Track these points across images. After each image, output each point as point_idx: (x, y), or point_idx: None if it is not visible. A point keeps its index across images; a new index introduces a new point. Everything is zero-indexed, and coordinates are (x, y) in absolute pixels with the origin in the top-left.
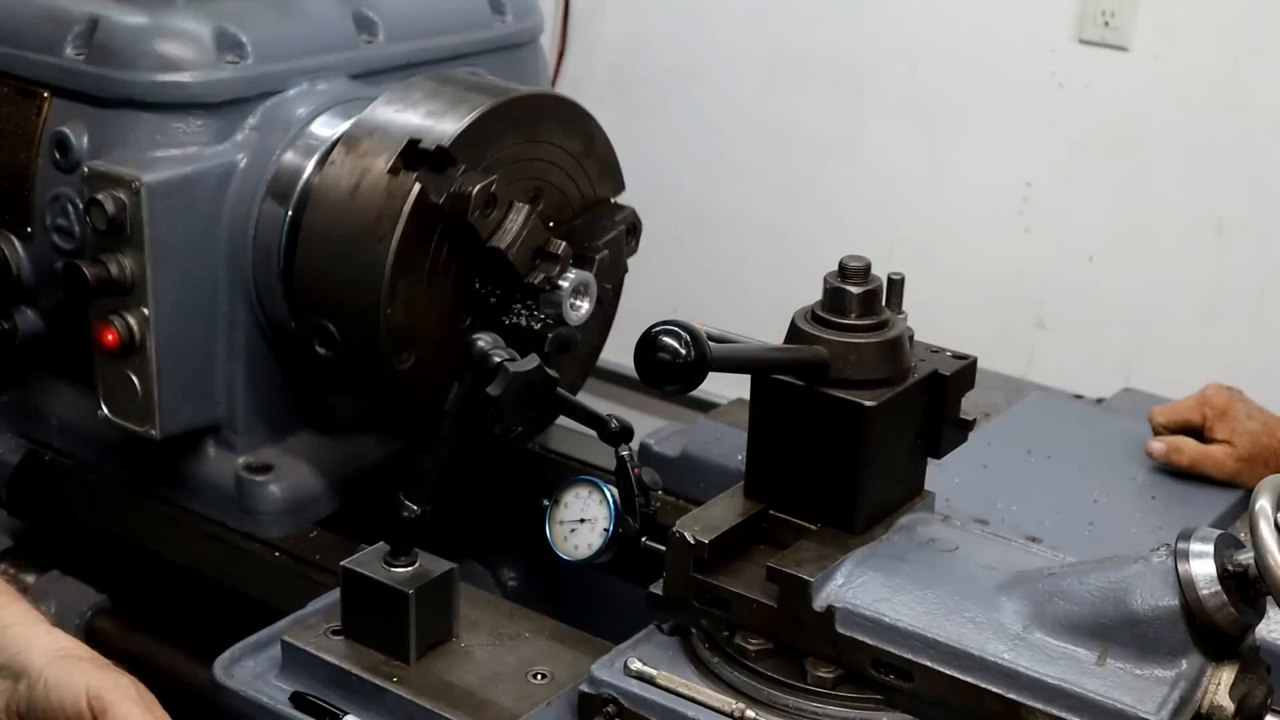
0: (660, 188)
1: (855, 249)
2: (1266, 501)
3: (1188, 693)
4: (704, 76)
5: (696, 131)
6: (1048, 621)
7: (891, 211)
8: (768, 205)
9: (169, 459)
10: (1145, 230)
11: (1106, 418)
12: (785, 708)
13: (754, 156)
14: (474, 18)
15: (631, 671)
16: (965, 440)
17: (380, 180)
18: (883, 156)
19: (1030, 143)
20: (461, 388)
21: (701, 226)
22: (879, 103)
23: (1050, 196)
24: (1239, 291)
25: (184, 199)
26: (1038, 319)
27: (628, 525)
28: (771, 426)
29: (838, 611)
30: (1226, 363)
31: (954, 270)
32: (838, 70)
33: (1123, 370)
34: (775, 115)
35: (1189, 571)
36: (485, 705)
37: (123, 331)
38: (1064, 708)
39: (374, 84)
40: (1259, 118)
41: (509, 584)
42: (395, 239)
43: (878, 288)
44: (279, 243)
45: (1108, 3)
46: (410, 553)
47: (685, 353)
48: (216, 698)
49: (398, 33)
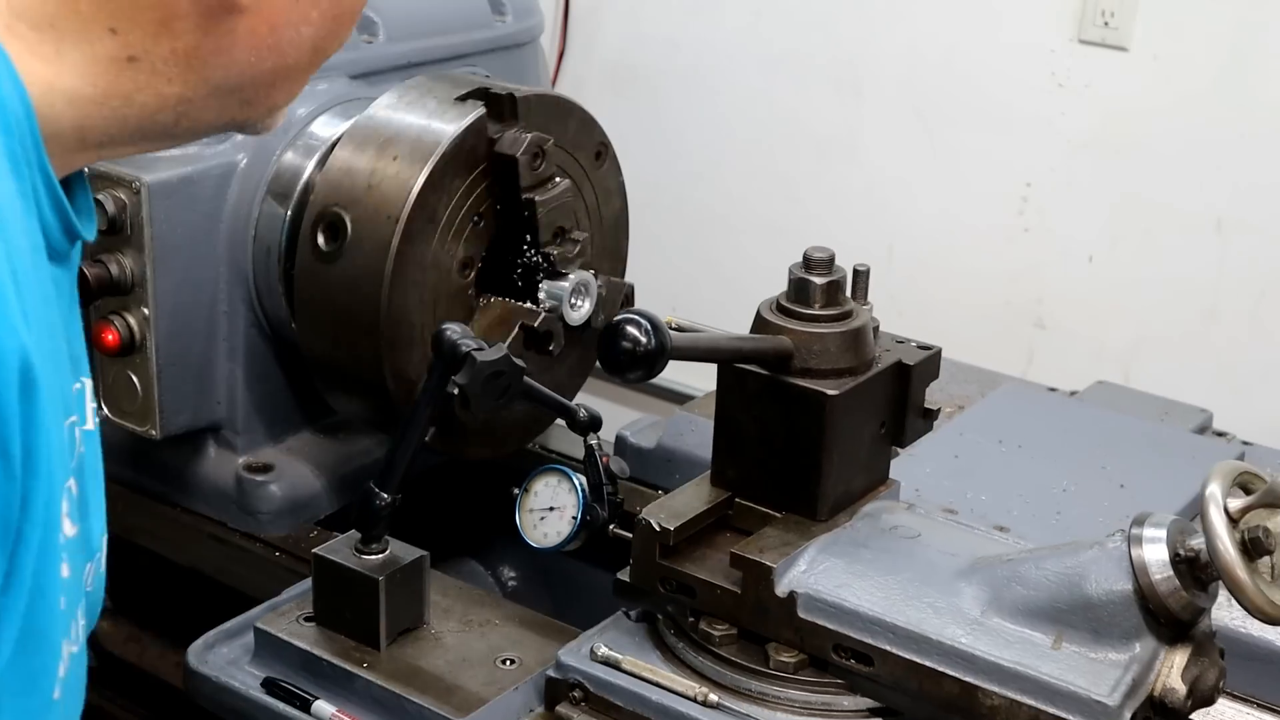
0: (660, 187)
1: (855, 249)
2: (1216, 487)
3: (1140, 675)
4: (704, 76)
5: (696, 131)
6: (1005, 606)
7: (891, 211)
8: (768, 205)
9: (169, 459)
10: (1145, 230)
11: (1079, 409)
12: (748, 692)
13: (754, 156)
14: (474, 18)
15: (598, 656)
16: (930, 429)
17: (380, 180)
18: (883, 156)
19: (1030, 143)
20: (430, 377)
21: (701, 226)
22: (879, 103)
23: (1050, 196)
24: (1238, 291)
25: (184, 199)
26: (1037, 319)
27: (596, 513)
28: (737, 415)
29: (800, 597)
30: (1226, 363)
31: (954, 270)
32: (838, 70)
33: (1122, 370)
34: (775, 115)
35: (1142, 556)
36: (453, 690)
37: (123, 331)
38: (1019, 690)
39: (374, 84)
40: (1259, 118)
41: (509, 584)
42: (396, 238)
43: (841, 278)
44: (279, 243)
45: (1108, 3)
46: (381, 540)
47: (646, 341)
48: (189, 684)
49: (398, 33)
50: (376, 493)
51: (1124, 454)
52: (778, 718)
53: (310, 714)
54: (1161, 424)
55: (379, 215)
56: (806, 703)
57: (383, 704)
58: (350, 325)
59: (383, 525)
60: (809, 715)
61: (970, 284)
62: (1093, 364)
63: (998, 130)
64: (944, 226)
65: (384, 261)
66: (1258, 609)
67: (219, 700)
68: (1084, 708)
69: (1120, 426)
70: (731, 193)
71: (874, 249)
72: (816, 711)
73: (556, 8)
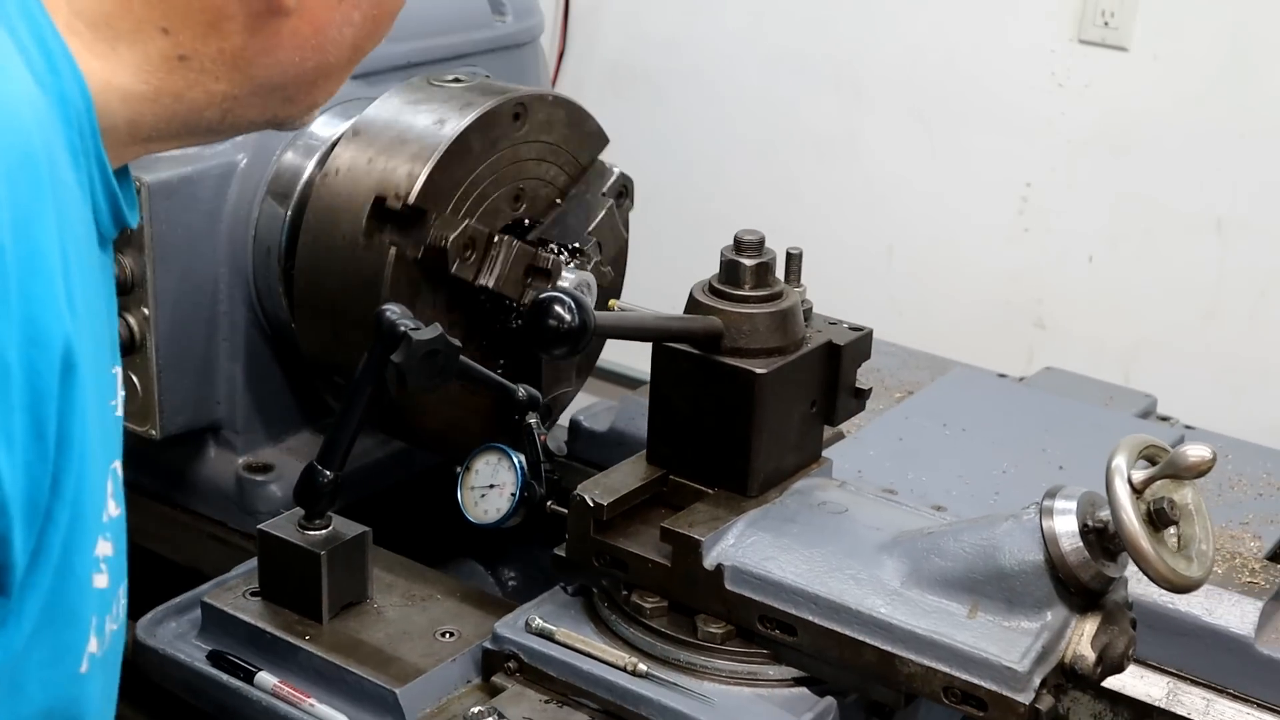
0: (660, 187)
1: (855, 249)
2: (1122, 459)
3: (1051, 643)
4: (704, 76)
5: (696, 131)
6: (924, 578)
7: (891, 211)
8: (768, 205)
9: (169, 459)
10: (1145, 230)
11: (1025, 393)
12: (677, 662)
13: (754, 156)
14: (474, 18)
15: (533, 628)
16: (862, 409)
17: (380, 180)
18: (883, 156)
19: (1030, 143)
20: (369, 356)
21: (701, 226)
22: (879, 103)
23: (1050, 196)
24: (1239, 291)
25: (184, 199)
26: (1037, 319)
27: (533, 490)
28: (670, 395)
29: (727, 570)
30: (1225, 363)
31: (954, 270)
32: (838, 70)
33: (1121, 369)
34: (775, 115)
35: (1052, 528)
36: (391, 662)
37: (123, 331)
38: (935, 658)
39: (374, 84)
40: (1259, 118)
41: (509, 583)
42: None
43: (771, 260)
44: (279, 243)
45: (1108, 3)
46: (324, 516)
47: (570, 319)
48: (137, 658)
49: (398, 33)
50: (320, 470)
51: (1065, 437)
52: (705, 687)
53: (254, 685)
54: (1105, 408)
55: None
56: (733, 672)
57: (324, 675)
58: (350, 324)
59: (325, 502)
60: (735, 684)
61: (970, 284)
62: (1092, 363)
63: (998, 130)
64: (944, 226)
65: (385, 261)
66: (1161, 577)
67: (166, 673)
68: (995, 674)
69: (1063, 410)
70: (731, 192)
71: (874, 249)
72: (743, 680)
73: (556, 8)
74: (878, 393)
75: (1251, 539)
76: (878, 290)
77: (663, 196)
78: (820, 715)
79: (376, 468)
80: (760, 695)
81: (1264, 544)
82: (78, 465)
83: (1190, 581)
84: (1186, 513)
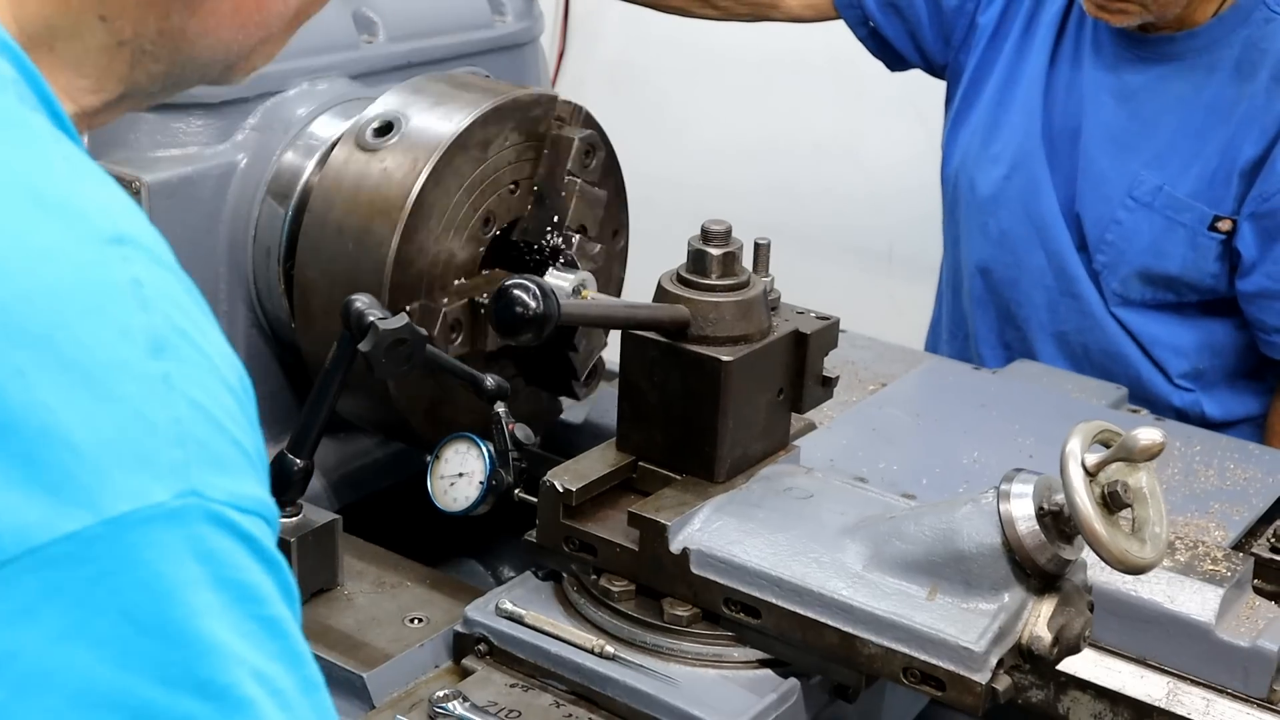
0: (660, 187)
1: (855, 249)
2: (1076, 443)
3: (1008, 624)
4: (704, 76)
5: (696, 131)
6: (885, 561)
7: (891, 211)
8: (768, 205)
9: None
10: None
11: (998, 384)
12: (644, 644)
13: (754, 156)
14: (474, 18)
15: (503, 612)
16: (830, 397)
17: (380, 180)
18: (883, 156)
19: None
20: (338, 345)
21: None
22: (879, 103)
23: None
24: None
25: (184, 199)
26: None
27: (501, 478)
28: (638, 382)
29: (693, 553)
30: None
31: None
32: (838, 70)
33: None
34: (775, 115)
35: (1009, 511)
36: (360, 647)
37: None
38: (894, 639)
39: (374, 84)
40: None
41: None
42: (396, 238)
43: (737, 250)
44: (279, 243)
45: None
46: (295, 504)
47: (535, 305)
48: None
49: (398, 33)
50: (290, 458)
51: (1036, 427)
52: (671, 668)
53: None
54: (1076, 399)
55: (378, 215)
56: (699, 654)
57: None
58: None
59: (295, 489)
60: (701, 666)
61: None
62: None
63: None
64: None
65: (384, 261)
66: (1113, 558)
67: None
68: (953, 654)
69: (1035, 401)
70: (731, 192)
71: (874, 249)
72: (708, 662)
73: (556, 8)
74: (852, 385)
75: (1216, 528)
76: (878, 290)
77: (663, 196)
78: (784, 696)
79: (376, 468)
80: (725, 677)
81: (1228, 533)
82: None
83: (1143, 563)
84: (1140, 496)
